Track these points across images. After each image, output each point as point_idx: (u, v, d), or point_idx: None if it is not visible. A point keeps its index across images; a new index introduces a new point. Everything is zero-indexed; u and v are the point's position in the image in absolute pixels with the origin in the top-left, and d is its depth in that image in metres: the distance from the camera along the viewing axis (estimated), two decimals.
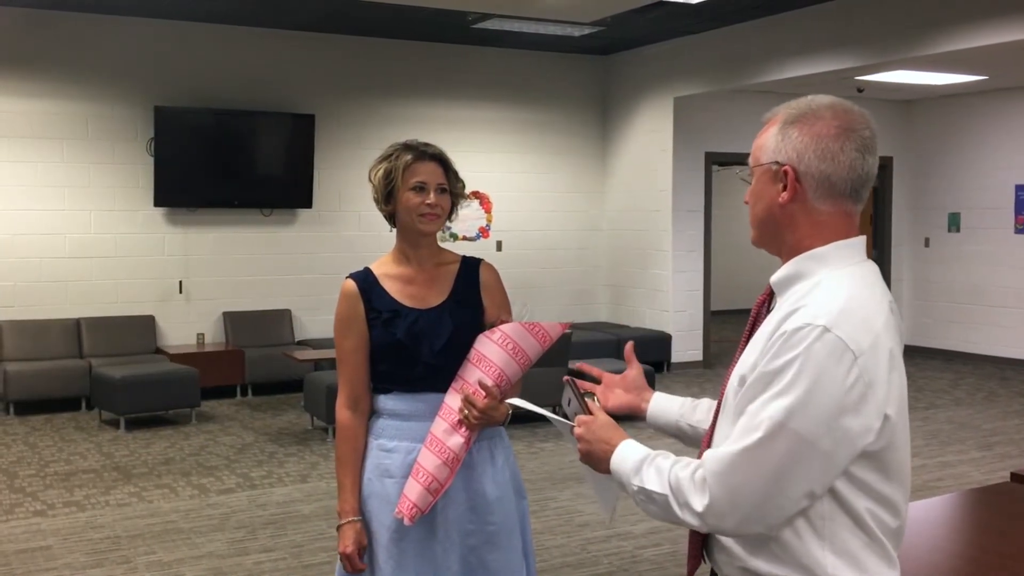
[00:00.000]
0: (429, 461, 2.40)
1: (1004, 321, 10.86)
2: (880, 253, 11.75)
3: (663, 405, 2.02)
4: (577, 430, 1.77)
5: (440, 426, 2.42)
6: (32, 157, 8.51)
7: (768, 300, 1.72)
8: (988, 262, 11.08)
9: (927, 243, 11.82)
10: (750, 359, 1.59)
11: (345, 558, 2.46)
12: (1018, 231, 10.84)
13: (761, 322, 1.68)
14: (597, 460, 1.74)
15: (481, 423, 2.39)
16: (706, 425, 1.88)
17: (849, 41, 7.97)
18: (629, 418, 2.07)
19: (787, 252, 1.65)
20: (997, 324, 10.89)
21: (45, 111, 8.54)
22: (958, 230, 11.48)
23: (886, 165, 11.82)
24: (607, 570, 4.64)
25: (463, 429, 2.39)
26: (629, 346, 2.09)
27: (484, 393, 2.38)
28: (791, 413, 1.49)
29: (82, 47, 8.61)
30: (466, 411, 2.38)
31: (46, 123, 8.55)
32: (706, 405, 1.96)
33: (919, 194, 11.90)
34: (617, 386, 2.07)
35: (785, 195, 1.61)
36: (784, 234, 1.64)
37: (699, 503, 1.54)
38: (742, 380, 1.59)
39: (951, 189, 11.55)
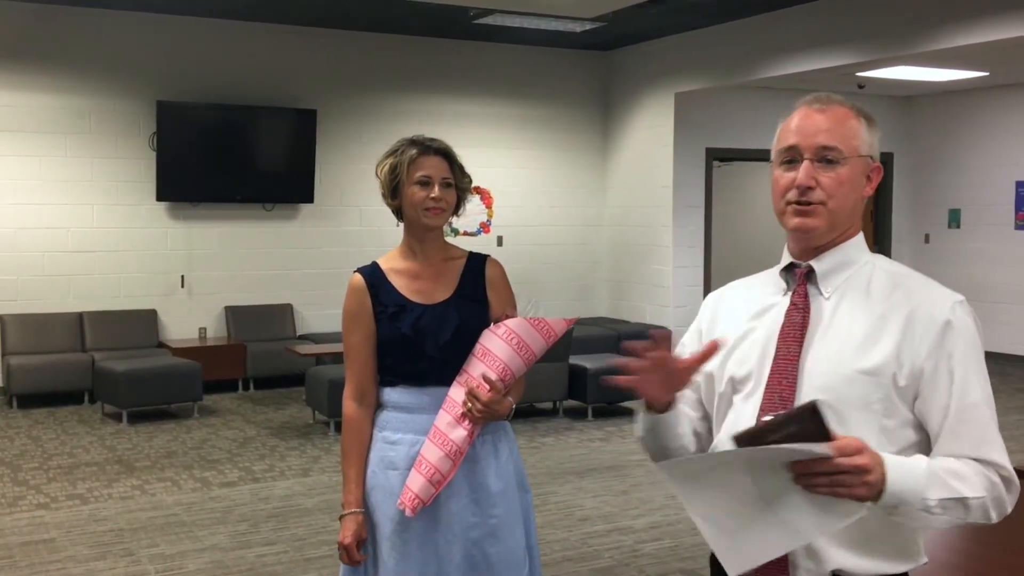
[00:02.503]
0: (432, 453, 2.42)
1: (1004, 317, 10.87)
2: (880, 249, 11.75)
3: (679, 418, 1.82)
4: (859, 459, 1.47)
5: (444, 419, 2.44)
6: (35, 152, 8.52)
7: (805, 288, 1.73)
8: (988, 258, 11.09)
9: (927, 239, 11.83)
10: (884, 351, 1.62)
11: (343, 548, 2.49)
12: (1018, 227, 10.85)
13: (806, 311, 1.69)
14: (871, 488, 1.49)
15: (484, 417, 2.41)
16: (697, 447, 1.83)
17: (850, 37, 7.97)
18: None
19: (836, 241, 1.72)
20: (997, 320, 10.89)
21: (48, 106, 8.56)
22: (958, 226, 11.49)
23: (887, 161, 11.82)
24: (608, 564, 4.67)
25: (466, 422, 2.42)
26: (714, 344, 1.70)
27: (488, 387, 2.40)
28: (983, 379, 1.64)
29: (85, 42, 8.62)
30: (470, 404, 2.40)
31: (49, 118, 8.57)
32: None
33: (919, 190, 11.91)
34: (664, 369, 1.71)
35: (870, 189, 1.73)
36: (850, 224, 1.73)
37: (1011, 498, 1.62)
38: (887, 375, 1.61)
39: (951, 185, 11.55)
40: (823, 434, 1.46)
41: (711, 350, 1.69)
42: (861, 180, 1.70)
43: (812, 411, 1.46)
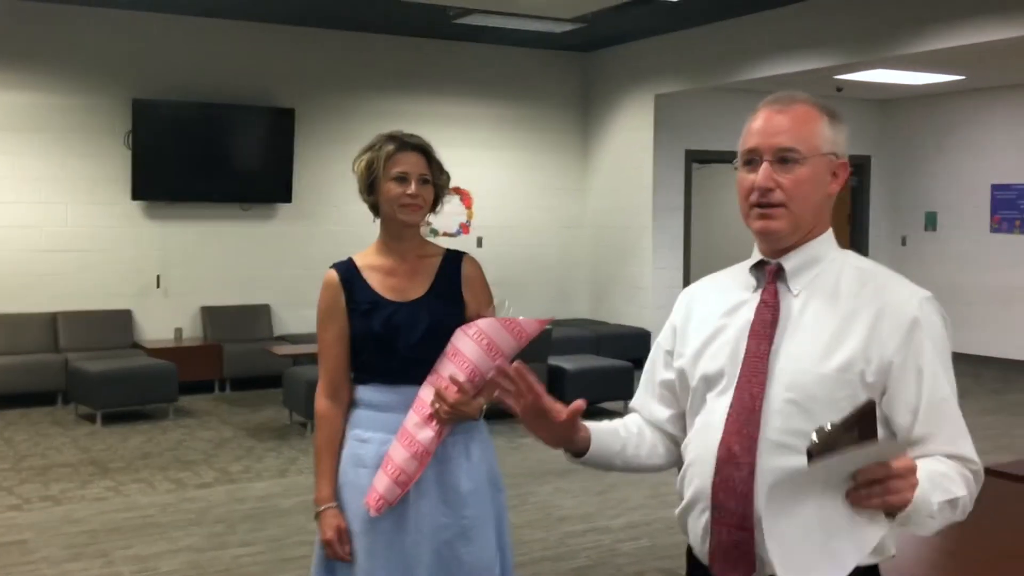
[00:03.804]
0: (398, 454, 2.40)
1: (978, 319, 10.96)
2: (857, 252, 11.77)
3: (605, 440, 1.86)
4: (909, 460, 1.44)
5: (412, 419, 2.42)
6: (8, 149, 8.43)
7: (775, 286, 1.72)
8: (964, 261, 11.19)
9: (904, 242, 11.92)
10: (852, 347, 1.61)
11: (327, 544, 2.47)
12: (994, 230, 10.95)
13: (776, 309, 1.68)
14: (914, 489, 1.45)
15: (452, 418, 2.38)
16: (651, 460, 1.86)
17: (829, 40, 8.02)
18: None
19: (803, 239, 1.72)
20: (972, 322, 10.98)
21: (22, 103, 8.47)
22: (935, 229, 11.59)
23: (863, 164, 11.91)
24: (585, 563, 4.66)
25: (434, 423, 2.39)
26: (579, 404, 1.78)
27: (456, 388, 2.37)
28: (950, 375, 1.65)
29: (60, 39, 8.54)
30: (436, 405, 2.37)
31: (23, 115, 8.48)
32: (647, 439, 1.89)
33: (896, 193, 12.00)
34: (547, 416, 1.78)
35: (836, 186, 1.73)
36: (818, 222, 1.73)
37: (977, 492, 1.62)
38: (855, 372, 1.60)
39: (928, 189, 11.65)
40: (874, 435, 1.42)
41: (576, 409, 1.73)
42: (824, 178, 1.70)
43: (871, 411, 1.42)
